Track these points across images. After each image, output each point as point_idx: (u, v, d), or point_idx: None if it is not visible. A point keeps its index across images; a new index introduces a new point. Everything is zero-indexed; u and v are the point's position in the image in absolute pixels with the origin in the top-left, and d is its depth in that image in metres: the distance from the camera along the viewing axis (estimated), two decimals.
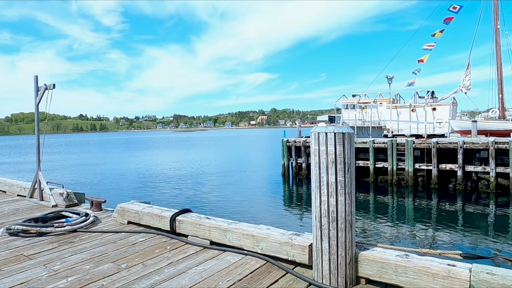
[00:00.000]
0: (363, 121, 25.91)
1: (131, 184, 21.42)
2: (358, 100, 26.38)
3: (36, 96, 5.66)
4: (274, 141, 77.23)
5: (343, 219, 2.60)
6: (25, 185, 6.49)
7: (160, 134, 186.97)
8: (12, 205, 5.86)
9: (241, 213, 14.32)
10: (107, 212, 5.12)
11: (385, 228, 12.68)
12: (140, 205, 4.47)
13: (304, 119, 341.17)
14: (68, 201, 5.53)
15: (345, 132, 2.58)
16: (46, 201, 5.81)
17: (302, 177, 23.41)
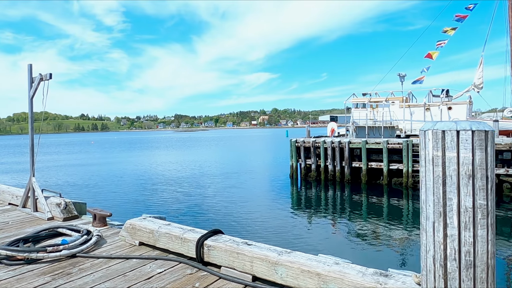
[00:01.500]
0: (374, 121, 24.98)
1: (132, 187, 20.49)
2: (369, 99, 25.46)
3: (30, 88, 4.79)
4: (277, 141, 76.27)
5: (484, 264, 1.68)
6: (17, 192, 5.62)
7: (161, 134, 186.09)
8: (0, 216, 4.98)
9: (252, 220, 13.41)
10: (113, 228, 4.23)
11: (399, 233, 11.79)
12: (155, 222, 3.57)
13: (306, 119, 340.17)
14: (67, 213, 4.65)
15: (487, 130, 1.68)
16: (40, 212, 4.94)
17: (311, 179, 22.49)
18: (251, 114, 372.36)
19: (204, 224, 12.23)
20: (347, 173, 21.08)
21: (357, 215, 14.66)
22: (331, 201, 17.75)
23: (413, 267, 8.89)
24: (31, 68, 4.82)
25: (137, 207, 14.52)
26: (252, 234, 11.64)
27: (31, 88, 4.78)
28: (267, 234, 11.59)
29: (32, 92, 4.77)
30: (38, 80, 4.70)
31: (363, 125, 25.20)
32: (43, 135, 7.24)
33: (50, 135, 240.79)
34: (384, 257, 9.75)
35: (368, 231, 12.04)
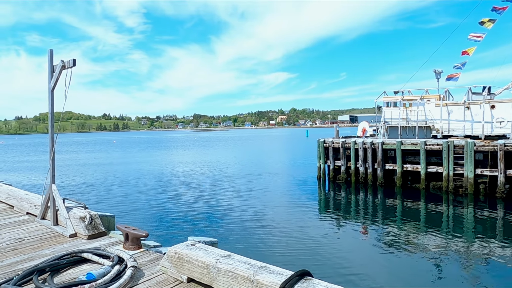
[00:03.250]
0: (407, 120, 23.49)
1: (153, 189, 19.86)
2: (402, 97, 23.97)
3: (50, 78, 3.99)
4: (297, 141, 74.89)
5: None
6: (36, 200, 4.86)
7: (180, 134, 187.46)
8: (16, 230, 4.21)
9: (277, 226, 12.43)
10: (149, 253, 3.35)
11: (437, 242, 10.56)
12: (209, 252, 2.65)
13: (324, 119, 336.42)
14: (92, 230, 3.82)
15: None
16: (61, 226, 4.14)
17: (340, 181, 21.28)
18: (269, 114, 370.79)
19: (230, 233, 11.36)
20: (379, 176, 19.79)
21: (391, 221, 13.50)
22: (363, 205, 16.56)
23: (455, 283, 7.71)
24: (51, 55, 4.02)
25: (160, 214, 13.76)
26: (279, 241, 10.75)
27: (52, 78, 3.99)
28: (293, 242, 10.70)
29: (53, 83, 3.98)
30: (60, 68, 3.91)
31: (395, 125, 23.74)
32: (67, 134, 6.39)
33: (73, 134, 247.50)
34: (420, 269, 8.68)
35: (403, 239, 10.94)
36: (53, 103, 4.07)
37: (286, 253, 9.65)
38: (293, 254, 9.52)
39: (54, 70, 4.04)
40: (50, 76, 4.05)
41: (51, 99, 4.05)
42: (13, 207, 5.31)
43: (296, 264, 8.67)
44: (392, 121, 24.14)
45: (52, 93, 4.04)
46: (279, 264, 3.63)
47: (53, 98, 4.07)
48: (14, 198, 5.29)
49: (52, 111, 4.09)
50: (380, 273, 8.47)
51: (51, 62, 4.05)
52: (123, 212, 13.97)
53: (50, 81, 4.03)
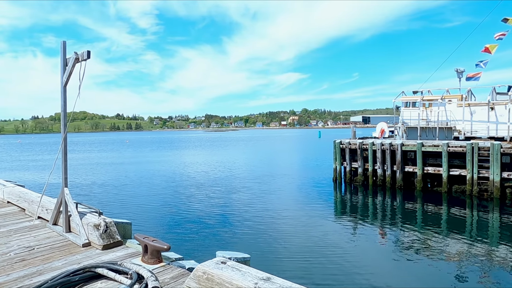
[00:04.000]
0: (427, 121, 22.70)
1: (167, 191, 19.58)
2: (422, 97, 23.18)
3: (63, 72, 3.65)
4: (309, 142, 74.07)
5: None
6: (49, 204, 4.54)
7: (192, 134, 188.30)
8: (26, 236, 3.89)
9: (292, 229, 11.96)
10: (171, 268, 2.95)
11: (460, 247, 9.93)
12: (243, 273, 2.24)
13: (336, 119, 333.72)
14: (107, 239, 3.46)
15: None
16: (74, 233, 3.80)
17: (357, 183, 20.65)
18: (281, 115, 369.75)
19: (249, 241, 10.95)
20: (399, 178, 19.12)
21: (410, 225, 12.90)
22: (380, 208, 15.95)
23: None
24: (64, 47, 3.68)
25: (176, 219, 13.38)
26: (294, 244, 10.33)
27: (64, 73, 3.65)
28: (309, 245, 10.29)
29: (66, 78, 3.63)
30: (73, 61, 3.56)
31: (415, 126, 22.96)
32: (82, 133, 6.08)
33: (87, 134, 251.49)
34: (441, 275, 8.18)
35: (423, 245, 10.37)
36: (65, 100, 3.74)
37: (306, 260, 9.22)
38: (313, 262, 9.10)
39: (67, 63, 3.70)
40: (63, 70, 3.71)
41: (63, 95, 3.71)
42: (25, 210, 5.02)
43: (316, 274, 8.23)
44: (411, 122, 23.37)
45: (64, 88, 3.70)
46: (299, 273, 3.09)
47: (66, 94, 3.73)
48: (25, 200, 5.00)
49: (64, 108, 3.75)
50: (399, 281, 8.01)
51: (63, 55, 3.72)
52: (136, 215, 13.67)
53: (63, 76, 3.69)
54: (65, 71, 3.70)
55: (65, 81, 3.69)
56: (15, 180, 11.78)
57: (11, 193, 5.53)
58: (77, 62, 3.57)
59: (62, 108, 3.77)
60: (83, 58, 3.48)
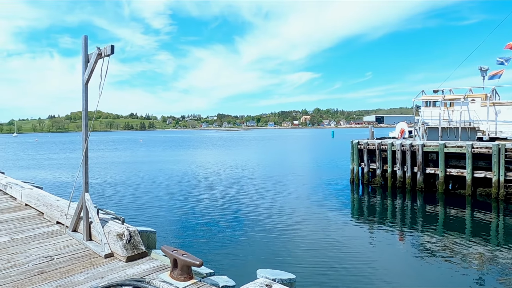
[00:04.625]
0: (449, 121, 21.93)
1: (188, 194, 19.36)
2: (443, 97, 22.40)
3: (84, 69, 3.39)
4: (322, 142, 73.21)
5: None
6: (67, 208, 4.31)
7: (205, 133, 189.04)
8: (45, 244, 3.65)
9: (308, 232, 11.57)
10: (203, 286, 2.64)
11: (484, 254, 9.35)
12: None
13: (349, 119, 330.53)
14: (131, 250, 3.17)
15: None
16: (95, 242, 3.54)
17: (375, 185, 20.08)
18: (293, 114, 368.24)
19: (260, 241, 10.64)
20: (419, 180, 18.49)
21: (431, 229, 12.36)
22: (400, 211, 15.41)
23: None
24: (86, 42, 3.41)
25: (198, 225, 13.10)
26: (308, 247, 9.99)
27: (86, 69, 3.39)
28: (325, 248, 9.94)
29: (87, 75, 3.37)
30: (95, 57, 3.30)
31: (435, 126, 22.21)
32: (97, 132, 5.86)
33: (102, 133, 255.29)
34: (464, 283, 7.72)
35: (445, 250, 9.85)
36: (87, 98, 3.48)
37: (325, 265, 8.87)
38: (333, 266, 8.76)
39: (89, 59, 3.44)
40: (84, 67, 3.45)
41: (84, 94, 3.45)
42: (43, 214, 4.81)
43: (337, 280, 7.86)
44: (432, 122, 22.63)
45: (86, 86, 3.44)
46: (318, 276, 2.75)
47: (87, 92, 3.48)
48: (44, 204, 4.79)
49: (85, 107, 3.50)
50: None
51: (85, 50, 3.46)
52: (154, 219, 13.45)
53: (84, 73, 3.43)
54: (87, 68, 3.44)
55: (86, 78, 3.43)
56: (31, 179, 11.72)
57: (29, 196, 5.35)
58: (100, 58, 3.31)
59: (83, 107, 3.51)
60: (106, 54, 3.20)
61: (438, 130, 21.82)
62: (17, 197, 5.87)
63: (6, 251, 3.46)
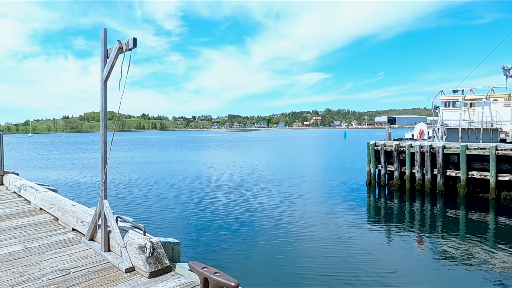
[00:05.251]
0: (469, 122, 21.18)
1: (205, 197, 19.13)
2: (464, 97, 21.66)
3: (104, 65, 3.10)
4: (334, 143, 72.36)
5: None
6: (84, 215, 4.04)
7: (215, 134, 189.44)
8: (60, 255, 3.37)
9: (323, 235, 11.15)
10: None
11: (508, 261, 8.79)
12: None
13: (361, 120, 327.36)
14: (155, 264, 2.87)
15: None
16: (115, 253, 3.25)
17: (393, 188, 19.51)
18: (304, 115, 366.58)
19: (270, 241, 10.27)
20: (439, 183, 17.86)
21: (452, 234, 11.82)
22: (419, 215, 14.86)
23: None
24: (105, 35, 3.12)
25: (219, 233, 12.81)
26: (323, 253, 9.59)
27: (105, 66, 3.10)
28: (340, 254, 9.53)
29: (107, 71, 3.08)
30: (116, 52, 3.00)
31: (455, 127, 21.48)
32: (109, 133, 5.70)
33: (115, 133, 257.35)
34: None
35: (466, 257, 9.35)
36: (106, 97, 3.19)
37: (340, 269, 8.54)
38: (347, 271, 8.42)
39: (108, 55, 3.15)
40: (103, 63, 3.16)
41: (103, 92, 3.16)
42: (58, 220, 4.57)
43: None
44: (451, 123, 21.90)
45: (105, 84, 3.15)
46: None
47: (107, 90, 3.19)
48: (59, 209, 4.54)
49: (105, 107, 3.21)
50: None
51: (104, 45, 3.17)
52: (169, 224, 13.19)
53: (103, 69, 3.14)
54: (106, 64, 3.15)
55: (105, 75, 3.14)
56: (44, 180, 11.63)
57: (44, 200, 5.12)
58: (121, 52, 3.01)
59: (102, 107, 3.22)
60: (128, 48, 2.91)
61: (459, 131, 21.10)
62: (31, 200, 5.67)
63: (19, 262, 3.19)
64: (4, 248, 3.57)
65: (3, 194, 6.65)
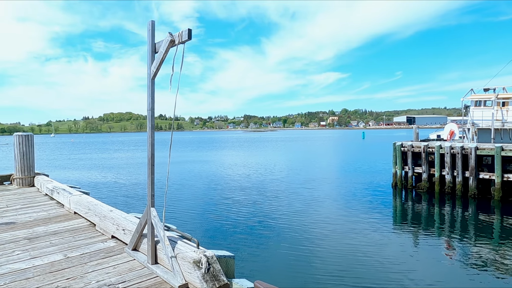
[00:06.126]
0: (502, 122, 20.19)
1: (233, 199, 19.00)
2: (497, 95, 20.67)
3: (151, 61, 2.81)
4: (353, 143, 71.00)
5: None
6: (125, 222, 3.78)
7: (232, 134, 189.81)
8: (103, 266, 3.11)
9: (348, 238, 10.66)
10: None
11: None
12: None
13: (379, 120, 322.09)
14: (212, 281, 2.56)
15: None
16: (163, 267, 2.96)
17: (421, 190, 18.77)
18: (320, 115, 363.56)
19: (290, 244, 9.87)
20: (472, 186, 17.07)
21: (485, 240, 11.12)
22: (449, 219, 14.16)
23: None
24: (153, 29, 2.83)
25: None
26: (347, 258, 9.18)
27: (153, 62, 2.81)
28: (364, 259, 9.08)
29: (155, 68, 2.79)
30: (166, 46, 2.70)
31: (487, 127, 20.54)
32: (128, 133, 5.31)
33: (133, 134, 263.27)
34: None
35: (501, 264, 8.76)
36: (153, 95, 2.90)
37: (366, 275, 8.10)
38: (372, 277, 8.00)
39: (157, 49, 2.87)
40: (150, 59, 2.88)
41: (151, 90, 2.87)
42: (95, 226, 4.35)
43: None
44: (483, 123, 20.95)
45: (153, 81, 2.86)
46: None
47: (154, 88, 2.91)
48: (96, 215, 4.32)
49: (152, 106, 2.91)
50: None
51: (151, 38, 2.88)
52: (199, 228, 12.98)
53: (150, 66, 2.86)
54: (154, 59, 2.87)
55: (153, 72, 2.86)
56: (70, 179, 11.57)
57: (79, 203, 4.92)
58: (172, 46, 2.73)
59: (148, 106, 2.94)
60: (181, 40, 2.60)
61: (491, 132, 20.14)
62: (65, 204, 5.50)
63: (62, 274, 2.95)
64: (45, 257, 3.36)
65: (35, 196, 6.53)
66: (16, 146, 7.52)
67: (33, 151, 7.70)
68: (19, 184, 7.60)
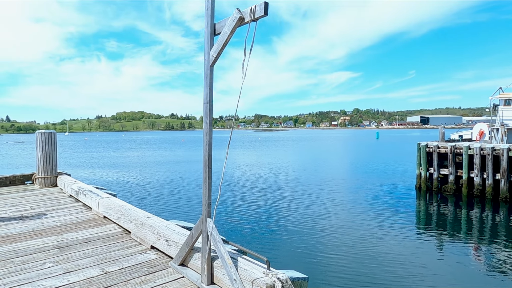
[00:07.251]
0: None
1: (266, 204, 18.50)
2: None
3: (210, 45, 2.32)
4: (367, 144, 69.74)
5: None
6: (165, 231, 3.32)
7: (243, 133, 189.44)
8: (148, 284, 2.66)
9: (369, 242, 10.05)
10: None
11: None
12: None
13: (392, 119, 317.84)
14: None
15: None
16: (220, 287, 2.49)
17: (447, 193, 17.99)
18: (331, 115, 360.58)
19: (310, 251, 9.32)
20: (503, 189, 16.25)
21: None
22: (478, 223, 13.43)
23: None
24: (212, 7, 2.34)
25: None
26: (369, 263, 8.65)
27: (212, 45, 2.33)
28: (387, 263, 8.62)
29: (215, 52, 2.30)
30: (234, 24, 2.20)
31: None
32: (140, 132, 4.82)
33: (145, 132, 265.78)
34: None
35: None
36: (212, 85, 2.41)
37: None
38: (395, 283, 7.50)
39: (217, 30, 2.39)
40: (209, 43, 2.39)
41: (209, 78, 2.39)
42: (129, 233, 3.92)
43: None
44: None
45: (211, 69, 2.39)
46: None
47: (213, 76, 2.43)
48: (131, 221, 3.88)
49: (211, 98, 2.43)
50: None
51: (211, 18, 2.39)
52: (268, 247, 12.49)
53: (210, 51, 2.39)
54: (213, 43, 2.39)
55: (214, 57, 2.37)
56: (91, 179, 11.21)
57: (110, 207, 4.50)
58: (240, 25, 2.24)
59: (206, 98, 2.45)
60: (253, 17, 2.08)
61: None
62: (92, 207, 5.10)
63: None
64: (80, 272, 2.92)
65: (60, 198, 6.16)
66: (39, 144, 7.19)
67: (56, 149, 7.36)
68: (42, 184, 7.27)
